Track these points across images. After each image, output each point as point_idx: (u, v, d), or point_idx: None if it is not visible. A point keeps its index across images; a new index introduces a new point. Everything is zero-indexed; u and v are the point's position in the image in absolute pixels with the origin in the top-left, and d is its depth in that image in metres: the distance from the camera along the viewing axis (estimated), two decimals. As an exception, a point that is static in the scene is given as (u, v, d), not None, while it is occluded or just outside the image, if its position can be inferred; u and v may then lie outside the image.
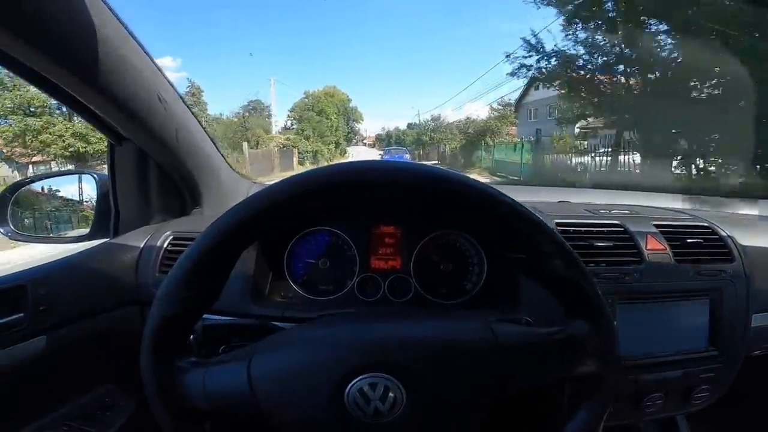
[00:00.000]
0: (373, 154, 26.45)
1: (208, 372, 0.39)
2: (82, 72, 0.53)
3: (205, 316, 0.44)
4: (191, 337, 0.51)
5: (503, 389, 0.41)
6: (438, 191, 0.41)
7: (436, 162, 19.77)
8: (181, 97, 0.74)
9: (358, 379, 0.38)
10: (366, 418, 0.38)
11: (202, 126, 0.83)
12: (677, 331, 0.73)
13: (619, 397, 0.51)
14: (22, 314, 0.56)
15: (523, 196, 1.10)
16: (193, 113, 0.79)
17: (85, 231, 0.83)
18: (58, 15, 0.46)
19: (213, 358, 0.42)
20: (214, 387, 0.39)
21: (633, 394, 0.70)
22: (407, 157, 19.55)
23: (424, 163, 0.71)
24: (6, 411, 0.55)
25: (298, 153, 20.29)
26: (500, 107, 20.18)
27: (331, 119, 25.74)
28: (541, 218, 0.42)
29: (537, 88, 12.69)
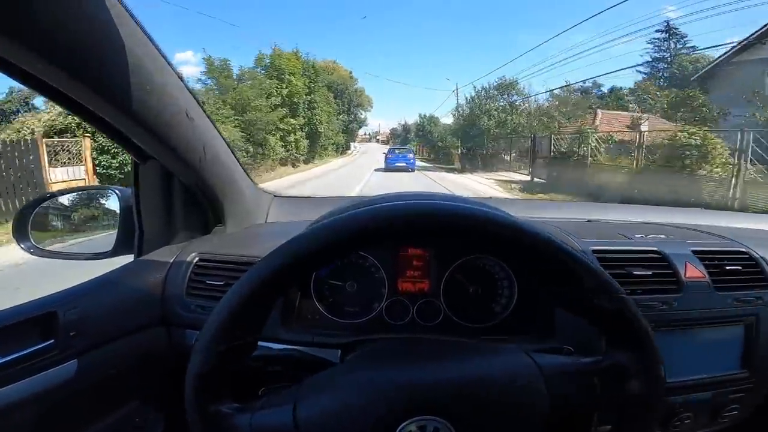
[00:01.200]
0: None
1: (253, 417, 0.39)
2: (108, 92, 0.52)
3: None
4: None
5: (550, 417, 0.40)
6: (486, 236, 0.40)
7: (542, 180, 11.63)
8: (206, 113, 0.73)
9: (407, 422, 0.37)
10: None
11: (225, 140, 0.82)
12: (711, 356, 0.72)
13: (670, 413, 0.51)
14: (52, 341, 0.56)
15: (549, 213, 1.08)
16: (217, 129, 0.78)
17: (108, 248, 0.82)
18: (85, 34, 0.45)
19: (256, 402, 0.40)
20: (260, 427, 0.38)
21: (662, 416, 0.70)
22: (411, 156, 19.29)
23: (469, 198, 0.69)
24: None
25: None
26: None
27: (298, 90, 17.50)
28: (582, 254, 0.41)
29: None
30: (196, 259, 0.73)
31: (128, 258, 0.82)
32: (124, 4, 0.49)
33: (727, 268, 0.73)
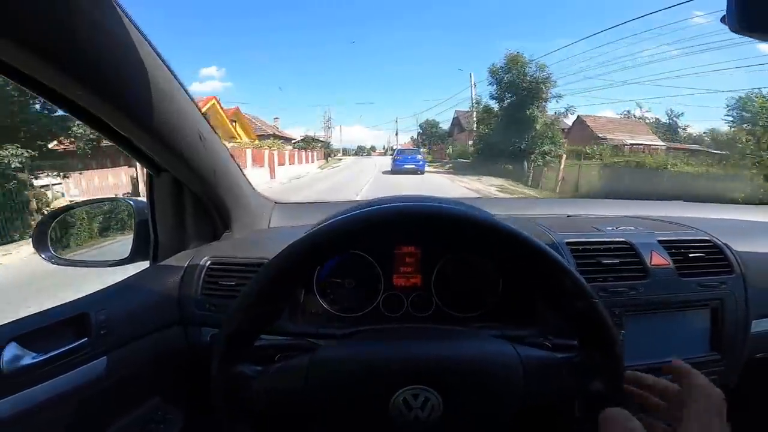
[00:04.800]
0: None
1: (270, 377, 0.45)
2: (129, 108, 0.59)
3: None
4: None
5: (524, 402, 0.46)
6: (466, 233, 0.46)
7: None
8: (215, 132, 0.80)
9: (403, 390, 0.44)
10: (407, 423, 0.44)
11: (231, 154, 0.89)
12: (681, 339, 0.77)
13: (626, 402, 0.56)
14: (86, 339, 0.62)
15: (532, 210, 1.16)
16: (224, 144, 0.85)
17: (124, 255, 0.89)
18: (112, 59, 0.51)
19: (273, 365, 0.47)
20: (276, 390, 0.45)
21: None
22: (419, 158, 18.67)
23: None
24: (74, 428, 0.60)
25: None
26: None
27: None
28: (565, 261, 0.46)
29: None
30: (209, 262, 0.80)
31: (143, 264, 0.88)
32: (146, 37, 0.56)
33: (691, 255, 0.79)
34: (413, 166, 17.66)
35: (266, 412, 0.46)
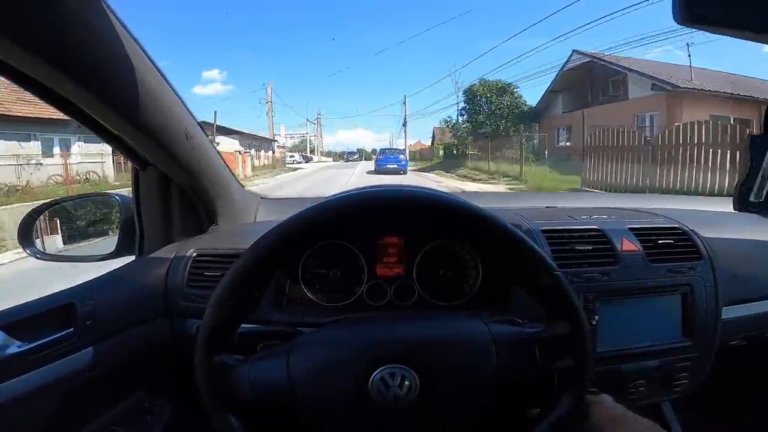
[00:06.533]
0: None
1: (252, 366, 0.47)
2: (118, 105, 0.60)
3: None
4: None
5: (497, 378, 0.49)
6: (434, 214, 0.49)
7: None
8: (201, 128, 0.81)
9: (380, 369, 0.46)
10: (386, 401, 0.46)
11: (216, 150, 0.91)
12: (653, 324, 0.79)
13: (605, 386, 0.58)
14: (72, 329, 0.63)
15: (513, 203, 1.19)
16: (210, 140, 0.86)
17: (110, 250, 0.89)
18: (101, 57, 0.53)
19: (255, 355, 0.49)
20: (258, 378, 0.46)
21: (617, 383, 0.76)
22: (402, 158, 18.95)
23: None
24: (59, 419, 0.61)
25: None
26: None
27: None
28: (527, 238, 0.49)
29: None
30: (194, 254, 0.81)
31: (130, 259, 0.89)
32: (135, 37, 0.57)
33: (660, 242, 0.82)
34: (395, 165, 17.90)
35: (252, 402, 0.47)
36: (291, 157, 33.87)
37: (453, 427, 0.49)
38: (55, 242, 0.92)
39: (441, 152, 23.89)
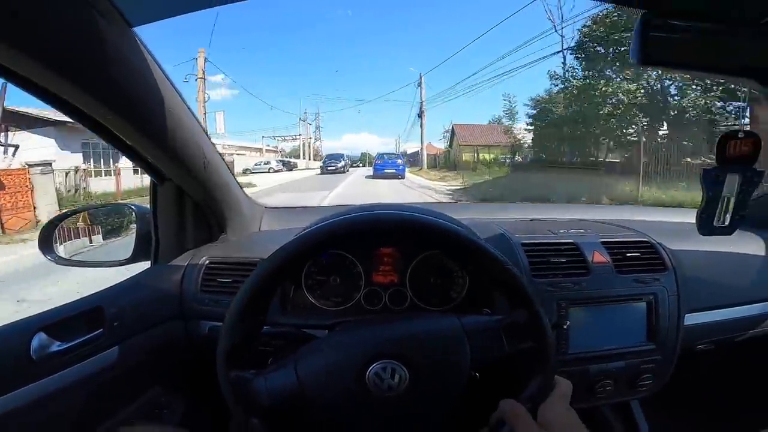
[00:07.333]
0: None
1: (267, 378, 0.54)
2: (148, 131, 0.68)
3: None
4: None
5: (473, 363, 0.56)
6: (408, 234, 0.59)
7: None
8: (213, 146, 0.89)
9: (374, 365, 0.54)
10: (381, 392, 0.53)
11: (227, 165, 0.98)
12: (620, 329, 0.86)
13: (575, 385, 0.65)
14: (101, 330, 0.70)
15: (506, 214, 1.27)
16: (221, 156, 0.94)
17: (125, 256, 0.96)
18: (135, 87, 0.60)
19: (268, 368, 0.56)
20: (273, 387, 0.53)
21: (586, 382, 0.83)
22: (400, 162, 18.88)
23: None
24: (86, 413, 0.68)
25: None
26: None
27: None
28: (481, 240, 0.60)
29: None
30: (207, 261, 0.88)
31: (144, 265, 0.96)
32: (162, 67, 0.65)
33: (628, 254, 0.89)
34: (393, 170, 17.85)
35: (271, 407, 0.53)
36: (266, 164, 27.42)
37: (441, 410, 0.57)
38: (74, 245, 0.98)
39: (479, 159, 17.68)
